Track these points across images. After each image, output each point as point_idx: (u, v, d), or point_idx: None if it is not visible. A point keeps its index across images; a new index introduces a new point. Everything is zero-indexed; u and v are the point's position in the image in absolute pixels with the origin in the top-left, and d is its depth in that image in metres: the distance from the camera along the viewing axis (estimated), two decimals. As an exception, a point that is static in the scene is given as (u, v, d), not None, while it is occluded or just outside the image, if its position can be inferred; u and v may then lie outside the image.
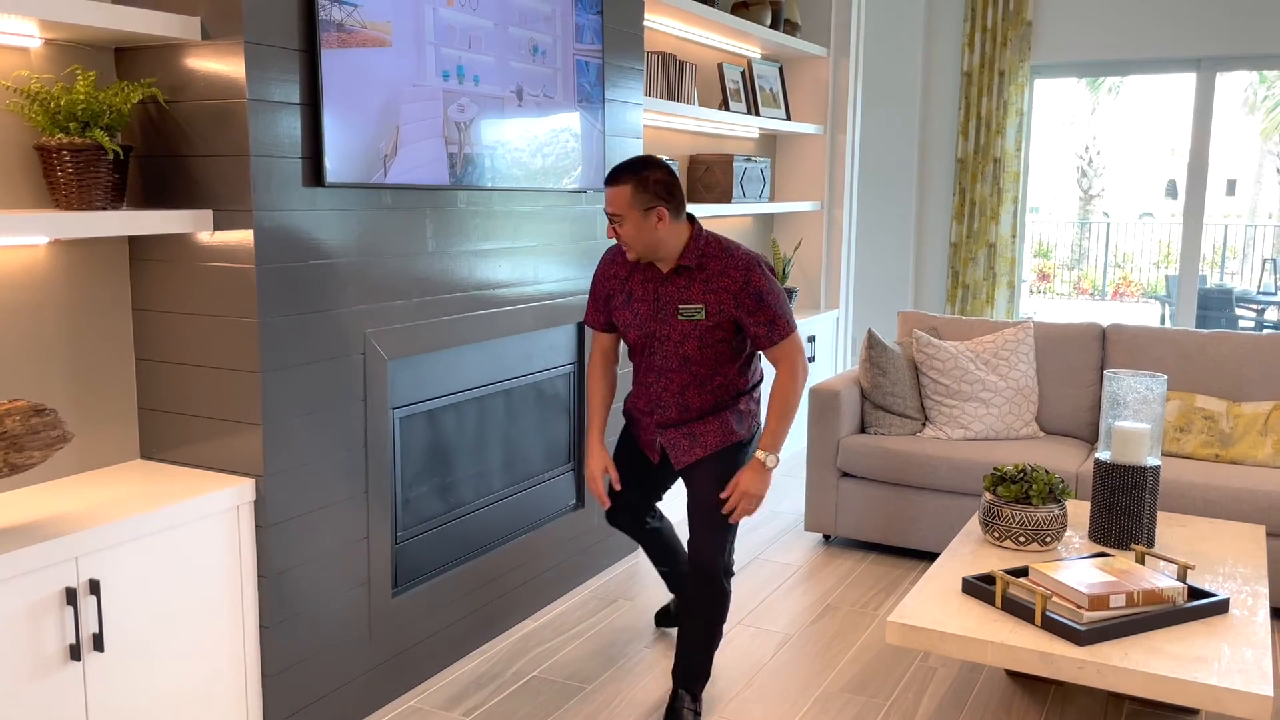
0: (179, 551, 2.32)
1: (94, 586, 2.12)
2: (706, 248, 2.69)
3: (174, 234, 2.46)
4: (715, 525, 2.75)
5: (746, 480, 2.71)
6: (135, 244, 2.55)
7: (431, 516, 3.07)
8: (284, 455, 2.50)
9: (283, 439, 2.50)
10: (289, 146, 2.44)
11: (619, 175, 2.62)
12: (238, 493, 2.42)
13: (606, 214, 2.66)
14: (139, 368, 2.59)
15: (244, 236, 2.38)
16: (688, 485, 2.82)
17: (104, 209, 2.26)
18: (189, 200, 2.44)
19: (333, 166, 2.53)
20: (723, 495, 2.72)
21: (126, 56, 2.47)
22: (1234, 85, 17.30)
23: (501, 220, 3.17)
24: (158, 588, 2.28)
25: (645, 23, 4.30)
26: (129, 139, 2.48)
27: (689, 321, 2.68)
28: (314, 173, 2.51)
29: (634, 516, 3.06)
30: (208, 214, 2.40)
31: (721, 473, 2.77)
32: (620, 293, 2.81)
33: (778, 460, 2.73)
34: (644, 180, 2.61)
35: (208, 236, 2.44)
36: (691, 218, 2.72)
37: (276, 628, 2.53)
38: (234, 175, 2.37)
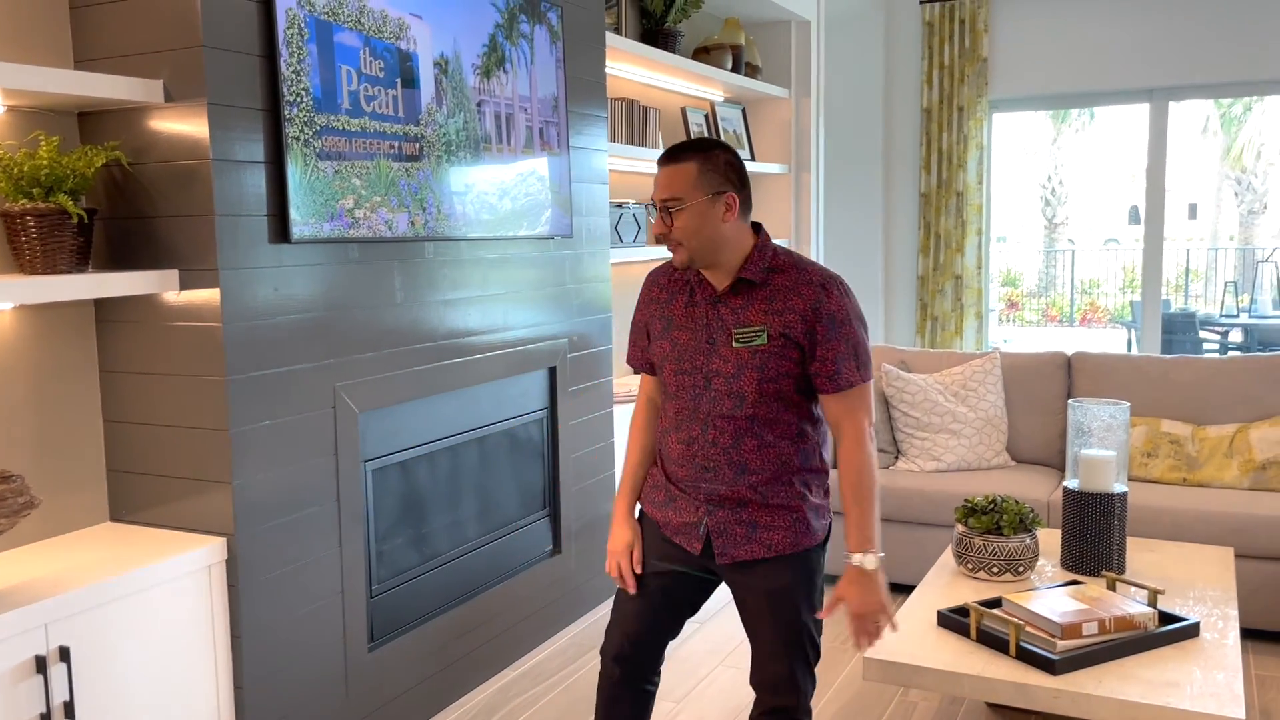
0: (150, 614, 2.30)
1: (64, 654, 2.10)
2: (775, 260, 2.12)
3: (140, 295, 2.47)
4: (798, 656, 2.14)
5: (855, 598, 2.07)
6: (101, 306, 2.55)
7: (407, 568, 3.06)
8: (255, 513, 2.50)
9: (253, 497, 2.49)
10: (254, 204, 2.46)
11: (681, 151, 2.07)
12: (209, 552, 2.41)
13: (655, 204, 2.09)
14: (107, 430, 2.58)
15: (210, 295, 2.39)
16: (745, 596, 2.18)
17: (69, 273, 2.27)
18: (154, 261, 2.45)
19: (298, 222, 2.54)
20: (820, 615, 2.13)
21: (90, 120, 2.48)
22: (1192, 111, 17.66)
23: (470, 269, 3.19)
24: (130, 652, 2.25)
25: (607, 70, 4.37)
26: (93, 202, 2.49)
27: (746, 349, 2.08)
28: (280, 229, 2.53)
29: (640, 663, 2.26)
30: (174, 274, 2.41)
31: (803, 586, 2.15)
32: (659, 319, 2.21)
33: (878, 558, 2.08)
34: (712, 159, 2.06)
35: (174, 296, 2.44)
36: (758, 226, 2.16)
37: (252, 687, 2.50)
38: (199, 235, 2.38)
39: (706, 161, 2.06)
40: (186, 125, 2.36)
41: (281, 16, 2.48)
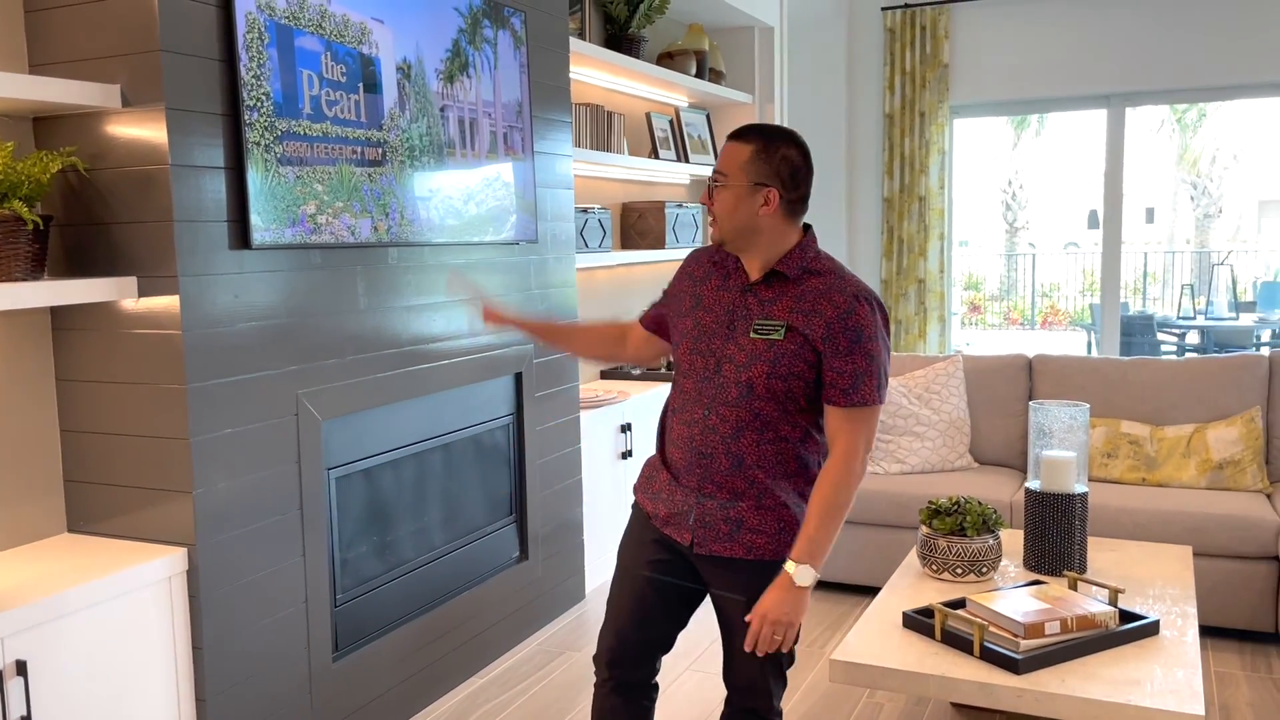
0: (110, 627, 2.26)
1: (21, 668, 2.06)
2: (814, 263, 2.10)
3: (98, 302, 2.43)
4: (771, 661, 2.15)
5: (773, 604, 2.01)
6: (58, 314, 2.51)
7: (371, 577, 3.03)
8: (216, 522, 2.47)
9: (214, 506, 2.46)
10: (214, 210, 2.43)
11: (747, 132, 2.08)
12: (169, 563, 2.38)
13: (712, 174, 2.11)
14: (64, 439, 2.54)
15: (169, 302, 2.36)
16: (724, 598, 2.18)
17: (24, 280, 2.23)
18: (112, 268, 2.41)
19: (259, 228, 2.52)
20: (746, 619, 2.08)
21: (45, 125, 2.44)
22: (1149, 116, 17.94)
23: (434, 274, 3.18)
24: (89, 665, 2.22)
25: (572, 75, 4.37)
26: (49, 208, 2.46)
27: (763, 341, 2.06)
28: (240, 235, 2.50)
29: (633, 665, 2.23)
30: (132, 281, 2.37)
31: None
32: (689, 295, 2.21)
33: (815, 575, 2.02)
34: (770, 149, 2.05)
35: (132, 304, 2.41)
36: (807, 228, 2.14)
37: (214, 700, 2.47)
38: (158, 241, 2.35)
39: (764, 151, 2.05)
40: (144, 130, 2.33)
41: (241, 20, 2.46)
